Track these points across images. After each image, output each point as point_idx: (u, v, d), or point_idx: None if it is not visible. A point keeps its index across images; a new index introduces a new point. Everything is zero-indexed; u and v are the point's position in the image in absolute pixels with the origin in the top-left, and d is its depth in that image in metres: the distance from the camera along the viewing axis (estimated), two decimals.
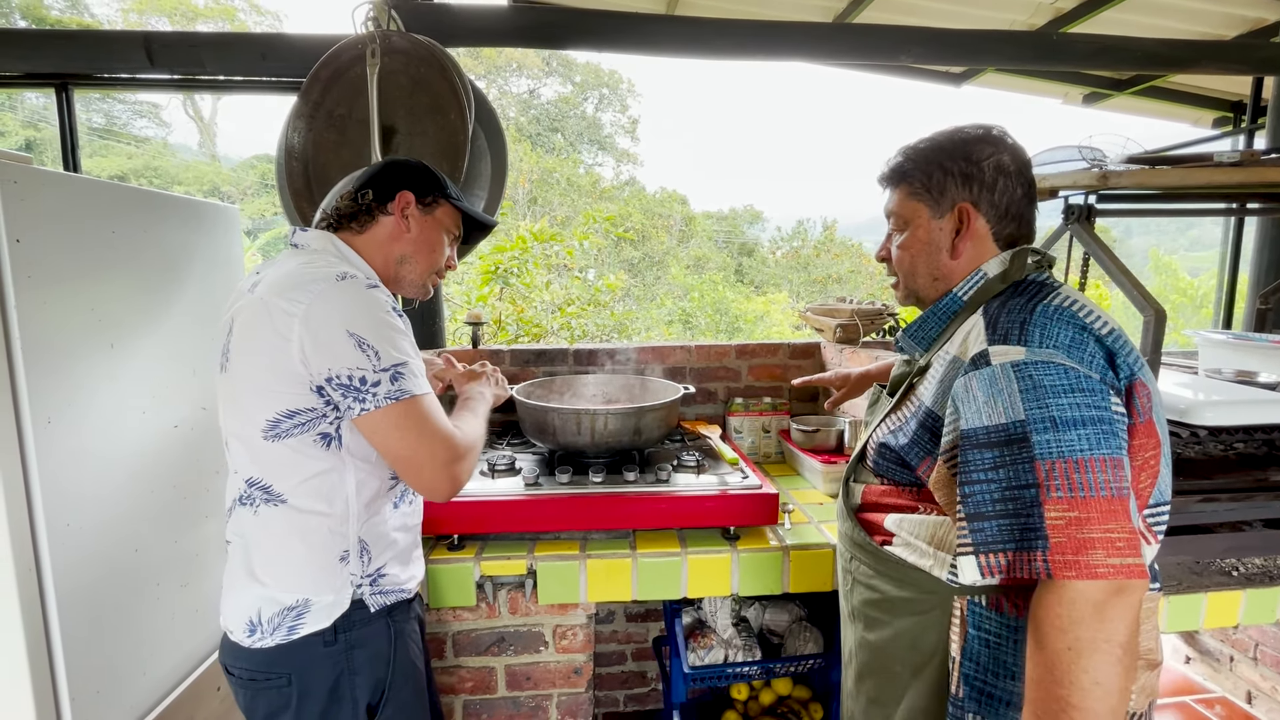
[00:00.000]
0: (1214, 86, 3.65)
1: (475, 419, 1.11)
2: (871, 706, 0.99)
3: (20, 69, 1.96)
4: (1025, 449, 0.76)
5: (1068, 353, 0.78)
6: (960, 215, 0.91)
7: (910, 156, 0.94)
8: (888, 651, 0.96)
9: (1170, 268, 8.15)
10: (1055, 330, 0.80)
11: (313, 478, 0.95)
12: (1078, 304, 0.84)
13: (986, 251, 0.92)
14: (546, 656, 1.49)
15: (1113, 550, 0.72)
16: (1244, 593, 1.57)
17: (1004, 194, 0.90)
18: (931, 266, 0.95)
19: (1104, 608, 0.71)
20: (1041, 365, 0.77)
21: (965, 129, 0.93)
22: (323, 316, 0.90)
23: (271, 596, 0.96)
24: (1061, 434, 0.74)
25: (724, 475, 1.56)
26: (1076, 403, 0.75)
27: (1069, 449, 0.74)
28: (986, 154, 0.90)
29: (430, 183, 1.09)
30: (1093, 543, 0.72)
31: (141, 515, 1.30)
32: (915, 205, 0.94)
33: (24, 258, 1.04)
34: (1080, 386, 0.76)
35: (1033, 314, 0.82)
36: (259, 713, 1.00)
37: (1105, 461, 0.73)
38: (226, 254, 1.60)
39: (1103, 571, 0.71)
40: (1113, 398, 0.77)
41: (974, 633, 0.85)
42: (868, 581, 0.99)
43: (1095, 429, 0.74)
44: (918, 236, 0.95)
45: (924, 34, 2.13)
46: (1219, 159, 1.53)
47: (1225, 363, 1.98)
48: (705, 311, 9.40)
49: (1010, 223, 0.92)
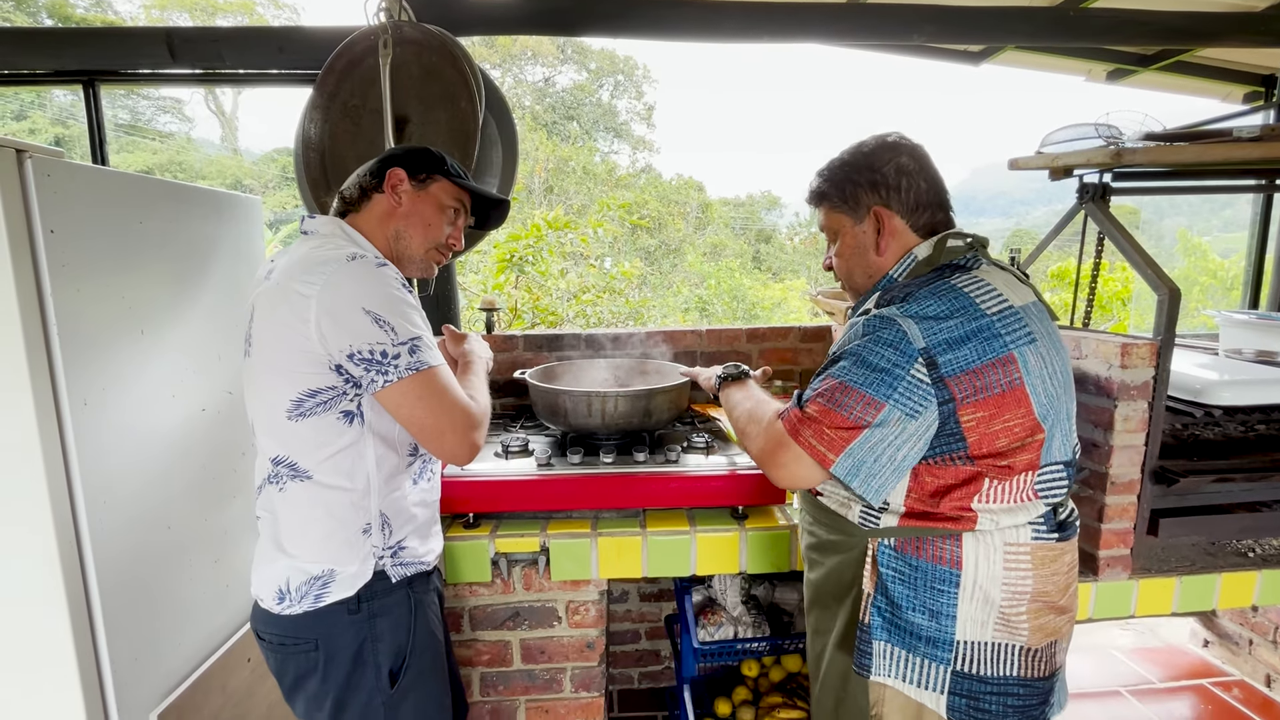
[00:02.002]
0: (1244, 60, 3.52)
1: (481, 383, 1.16)
2: (815, 636, 1.16)
3: (50, 66, 2.03)
4: (831, 366, 0.98)
5: (920, 322, 0.92)
6: (876, 217, 1.04)
7: (826, 178, 1.08)
8: (823, 588, 1.12)
9: (1200, 249, 7.92)
10: (927, 302, 0.93)
11: (336, 454, 1.00)
12: (980, 284, 0.95)
13: (910, 241, 1.04)
14: (560, 631, 1.53)
15: (818, 437, 0.94)
16: (1260, 573, 1.56)
17: (909, 190, 1.02)
18: (864, 266, 1.07)
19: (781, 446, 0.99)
20: (885, 320, 0.94)
21: (865, 143, 1.06)
22: (337, 296, 0.94)
23: (299, 567, 1.01)
24: (854, 367, 0.94)
25: (733, 456, 1.58)
26: (882, 353, 0.92)
27: (846, 375, 0.94)
28: (886, 159, 1.03)
29: (425, 161, 1.11)
30: (811, 425, 0.95)
31: (172, 493, 1.36)
32: (839, 217, 1.08)
33: (58, 248, 1.10)
34: (895, 344, 0.92)
35: (922, 289, 0.96)
36: (289, 675, 1.06)
37: (862, 396, 0.92)
38: (249, 244, 1.65)
39: (801, 442, 0.96)
40: (918, 364, 0.91)
41: (883, 570, 1.00)
42: (809, 528, 1.16)
43: (877, 375, 0.92)
44: (847, 243, 1.08)
45: (937, 12, 2.10)
46: (1238, 134, 1.50)
47: (1246, 343, 1.95)
48: (722, 299, 9.37)
49: (923, 213, 1.03)
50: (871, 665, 1.00)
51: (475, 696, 1.55)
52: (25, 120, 11.68)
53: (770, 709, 1.75)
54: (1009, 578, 0.96)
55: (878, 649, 1.00)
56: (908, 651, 0.98)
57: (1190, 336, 2.32)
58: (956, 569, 0.96)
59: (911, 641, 0.98)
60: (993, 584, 0.96)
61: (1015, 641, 0.97)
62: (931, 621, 0.97)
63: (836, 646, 1.08)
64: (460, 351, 1.26)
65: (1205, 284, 7.58)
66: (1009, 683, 0.97)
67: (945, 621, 0.96)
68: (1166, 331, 1.40)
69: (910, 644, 0.98)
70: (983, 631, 0.96)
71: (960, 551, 0.96)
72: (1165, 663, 2.36)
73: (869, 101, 69.51)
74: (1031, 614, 0.97)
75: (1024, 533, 0.96)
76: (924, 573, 0.97)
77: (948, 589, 0.96)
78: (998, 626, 0.96)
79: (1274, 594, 1.57)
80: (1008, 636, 0.97)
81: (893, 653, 0.99)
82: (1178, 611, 1.57)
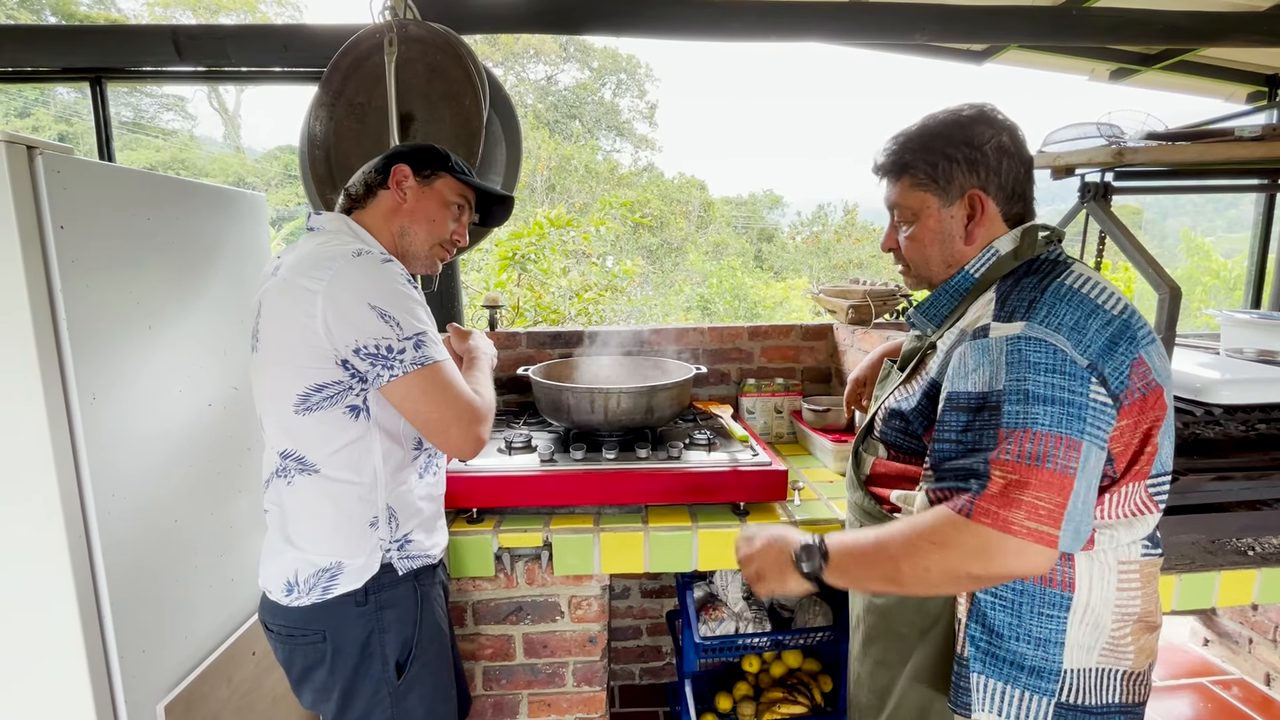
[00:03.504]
0: (1248, 60, 3.52)
1: (486, 378, 1.17)
2: (878, 668, 1.04)
3: (57, 63, 2.04)
4: (995, 416, 0.80)
5: (1069, 334, 0.80)
6: (971, 202, 0.91)
7: (909, 146, 0.94)
8: (895, 615, 1.00)
9: (1203, 249, 7.90)
10: (1062, 310, 0.81)
11: (342, 448, 1.01)
12: (1090, 281, 0.85)
13: (997, 231, 0.93)
14: (562, 626, 1.54)
15: (1033, 515, 0.76)
16: (1259, 571, 1.57)
17: (1009, 175, 0.91)
18: (946, 254, 0.95)
19: (990, 553, 0.77)
20: (1033, 342, 0.80)
21: (959, 110, 0.93)
22: (343, 291, 0.95)
23: (307, 559, 1.03)
24: (1030, 407, 0.78)
25: (735, 453, 1.59)
26: (1053, 382, 0.78)
27: (1031, 421, 0.77)
28: (988, 137, 0.90)
29: (430, 158, 1.12)
30: (1019, 503, 0.76)
31: (179, 488, 1.37)
32: (922, 195, 0.94)
33: (68, 243, 1.11)
34: (1062, 369, 0.78)
35: (1044, 293, 0.83)
36: (296, 666, 1.07)
37: (1061, 440, 0.77)
38: (254, 240, 1.66)
39: (1018, 530, 0.76)
40: (1093, 385, 0.79)
41: (980, 596, 0.89)
42: None
43: (1062, 409, 0.77)
44: (928, 226, 0.94)
45: (938, 11, 2.10)
46: (1239, 134, 1.50)
47: (1248, 342, 1.95)
48: (724, 298, 9.37)
49: (1017, 202, 0.93)
50: (972, 702, 0.90)
51: (478, 690, 1.57)
52: (29, 117, 11.71)
53: (771, 704, 1.76)
54: (1121, 599, 0.88)
55: (975, 683, 0.90)
56: (1007, 684, 0.89)
57: (1193, 336, 2.32)
58: (1069, 591, 0.86)
59: (1012, 673, 0.88)
60: (1105, 607, 0.87)
61: (1120, 666, 0.89)
62: (1038, 650, 0.87)
63: (915, 680, 0.98)
64: (465, 348, 1.28)
65: (1208, 284, 7.57)
66: (1111, 710, 0.89)
67: (1053, 650, 0.87)
68: (1167, 330, 1.41)
69: (1011, 675, 0.88)
70: (1088, 658, 0.88)
71: (1074, 573, 0.86)
72: (1165, 661, 2.37)
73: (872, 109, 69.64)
74: (1135, 635, 0.89)
75: (1135, 550, 0.88)
76: (1032, 597, 0.87)
77: (1057, 614, 0.87)
78: (1104, 651, 0.88)
79: (1273, 592, 1.58)
80: (1113, 661, 0.89)
81: (989, 685, 0.89)
82: (1177, 609, 1.58)
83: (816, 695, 1.77)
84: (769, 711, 1.75)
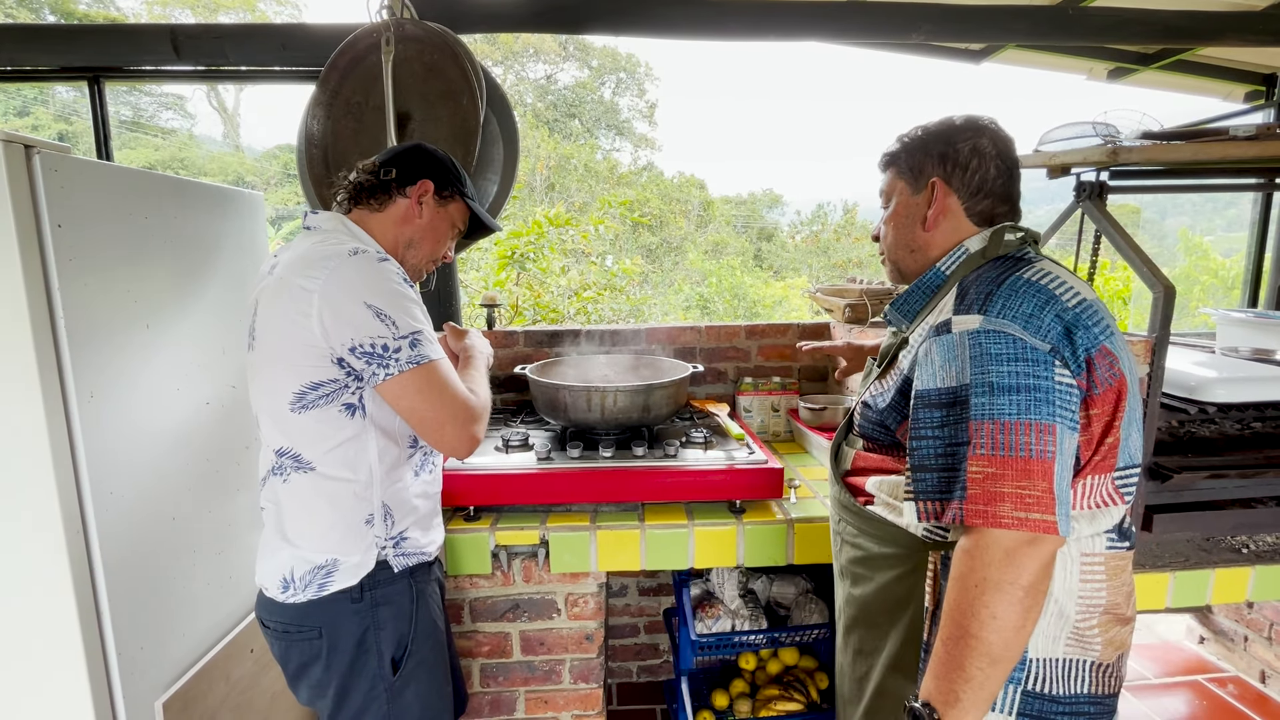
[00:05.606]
0: (1246, 59, 3.52)
1: (482, 377, 1.18)
2: (858, 657, 1.07)
3: (56, 62, 2.04)
4: (964, 410, 0.82)
5: (1025, 324, 0.82)
6: (932, 189, 0.98)
7: (904, 143, 1.02)
8: (872, 605, 1.03)
9: (1201, 248, 7.90)
10: (1017, 302, 0.84)
11: (338, 446, 1.02)
12: (1049, 275, 0.87)
13: (963, 227, 0.98)
14: (559, 623, 1.55)
15: (1020, 505, 0.77)
16: (1253, 569, 1.58)
17: (975, 173, 0.96)
18: (907, 237, 1.01)
19: (1013, 554, 0.78)
20: (992, 334, 0.82)
21: (956, 118, 0.99)
22: (339, 290, 0.95)
23: (303, 556, 1.03)
24: (995, 398, 0.80)
25: (731, 451, 1.60)
26: (1016, 371, 0.80)
27: (999, 412, 0.79)
28: (966, 137, 0.96)
29: (451, 177, 1.14)
30: (1003, 496, 0.78)
31: (177, 486, 1.38)
32: (898, 183, 1.02)
33: (66, 242, 1.11)
34: (1024, 356, 0.80)
35: (1000, 286, 0.86)
36: (292, 663, 1.07)
37: (1030, 426, 0.78)
38: (252, 239, 1.66)
39: (1007, 522, 0.77)
40: (1057, 369, 0.81)
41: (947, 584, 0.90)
42: (853, 540, 1.06)
43: (1028, 396, 0.79)
44: (897, 210, 1.02)
45: (935, 10, 2.11)
46: (1234, 133, 1.51)
47: (1243, 341, 1.96)
48: (723, 297, 9.38)
49: (983, 200, 0.97)
50: None
51: (475, 687, 1.57)
52: (28, 116, 11.70)
53: (767, 701, 1.76)
54: (1084, 590, 0.89)
55: None
56: None
57: (1190, 335, 2.33)
58: None
59: None
60: (1068, 598, 0.89)
61: (1087, 657, 0.91)
62: None
63: (889, 669, 1.00)
64: (461, 347, 1.28)
65: (1206, 283, 7.57)
66: (1080, 700, 0.90)
67: None
68: (1161, 328, 1.41)
69: None
70: (1054, 647, 0.90)
71: None
72: (1161, 659, 2.38)
73: (872, 110, 69.62)
74: (1102, 627, 0.91)
75: (1099, 542, 0.90)
76: None
77: None
78: (1069, 642, 0.90)
79: (1267, 590, 1.58)
80: (1079, 652, 0.91)
81: None
82: (1172, 607, 1.59)
83: (812, 692, 1.78)
84: (765, 708, 1.75)
